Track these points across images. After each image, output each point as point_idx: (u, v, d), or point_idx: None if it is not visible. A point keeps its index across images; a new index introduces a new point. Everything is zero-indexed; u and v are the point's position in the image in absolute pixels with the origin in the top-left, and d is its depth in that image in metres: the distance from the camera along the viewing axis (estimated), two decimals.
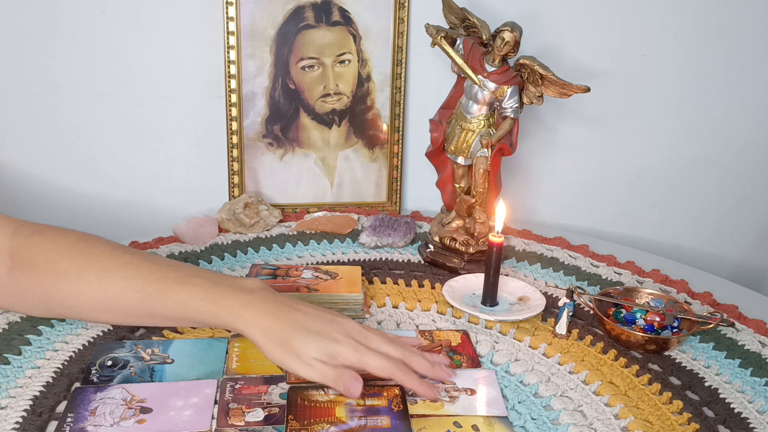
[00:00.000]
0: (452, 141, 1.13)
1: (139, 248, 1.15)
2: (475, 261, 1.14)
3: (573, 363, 0.91)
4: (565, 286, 1.11)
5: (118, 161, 1.25)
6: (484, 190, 1.12)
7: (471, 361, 0.90)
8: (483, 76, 1.07)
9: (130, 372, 0.84)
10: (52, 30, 1.15)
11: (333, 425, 0.75)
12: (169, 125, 1.26)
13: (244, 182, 1.30)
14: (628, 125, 1.38)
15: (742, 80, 1.36)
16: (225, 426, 0.75)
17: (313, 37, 1.24)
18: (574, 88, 1.04)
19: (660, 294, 1.02)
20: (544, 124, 1.36)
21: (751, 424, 0.81)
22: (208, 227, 1.20)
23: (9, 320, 0.93)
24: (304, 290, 0.98)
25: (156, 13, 1.19)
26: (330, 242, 1.22)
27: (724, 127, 1.40)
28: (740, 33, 1.33)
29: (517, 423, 0.79)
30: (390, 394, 0.80)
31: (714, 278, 1.18)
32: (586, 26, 1.30)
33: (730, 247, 1.50)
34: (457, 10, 1.12)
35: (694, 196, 1.45)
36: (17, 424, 0.75)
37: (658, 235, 1.47)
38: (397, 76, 1.29)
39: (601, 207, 1.45)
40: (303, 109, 1.28)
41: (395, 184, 1.35)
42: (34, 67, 1.16)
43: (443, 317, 1.01)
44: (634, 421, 0.80)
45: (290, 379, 0.82)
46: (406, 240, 1.22)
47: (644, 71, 1.34)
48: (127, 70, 1.20)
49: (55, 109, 1.19)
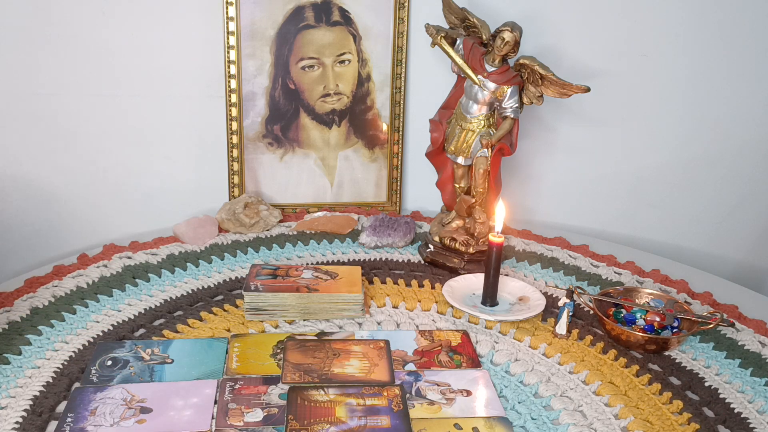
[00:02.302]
0: (452, 141, 1.13)
1: (139, 248, 1.15)
2: (475, 261, 1.14)
3: (573, 363, 0.91)
4: (565, 286, 1.11)
5: (118, 161, 1.25)
6: (484, 190, 1.12)
7: (471, 361, 0.90)
8: (483, 76, 1.07)
9: (130, 372, 0.84)
10: (52, 30, 1.15)
11: (333, 425, 0.75)
12: (169, 125, 1.26)
13: (244, 182, 1.30)
14: (628, 125, 1.38)
15: (742, 80, 1.36)
16: (224, 426, 0.75)
17: (313, 37, 1.24)
18: (574, 88, 1.04)
19: (660, 294, 1.02)
20: (544, 124, 1.36)
21: (751, 424, 0.81)
22: (208, 227, 1.20)
23: (9, 320, 0.93)
24: (304, 290, 0.98)
25: (156, 13, 1.18)
26: (330, 242, 1.22)
27: (724, 127, 1.40)
28: (740, 33, 1.33)
29: (517, 423, 0.79)
30: (390, 394, 0.80)
31: (714, 278, 1.18)
32: (587, 26, 1.30)
33: (730, 247, 1.50)
34: (457, 10, 1.12)
35: (694, 196, 1.45)
36: (17, 424, 0.75)
37: (658, 235, 1.47)
38: (397, 76, 1.29)
39: (601, 207, 1.45)
40: (303, 109, 1.28)
41: (395, 184, 1.35)
42: (34, 67, 1.16)
43: (443, 317, 1.01)
44: (634, 421, 0.80)
45: (286, 379, 0.82)
46: (406, 240, 1.22)
47: (644, 71, 1.34)
48: (127, 70, 1.20)
49: (55, 109, 1.19)
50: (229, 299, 1.03)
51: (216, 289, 1.06)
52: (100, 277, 1.06)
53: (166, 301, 1.01)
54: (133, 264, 1.10)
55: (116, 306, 0.99)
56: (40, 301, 0.98)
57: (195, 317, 0.97)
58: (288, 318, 0.98)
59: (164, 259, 1.12)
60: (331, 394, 0.80)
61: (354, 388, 0.82)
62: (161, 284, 1.06)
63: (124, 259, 1.11)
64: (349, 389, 0.81)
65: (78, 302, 0.99)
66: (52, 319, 0.94)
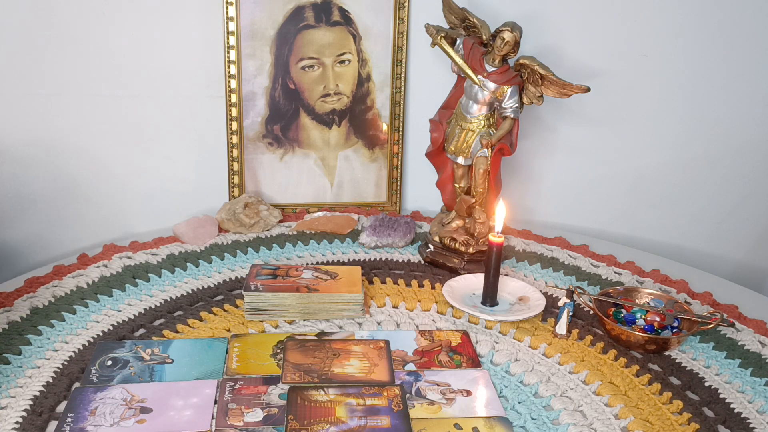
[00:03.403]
0: (452, 141, 1.13)
1: (139, 248, 1.15)
2: (475, 261, 1.14)
3: (573, 363, 0.91)
4: (565, 286, 1.11)
5: (118, 161, 1.25)
6: (484, 190, 1.12)
7: (471, 361, 0.90)
8: (483, 76, 1.07)
9: (130, 372, 0.84)
10: (52, 30, 1.15)
11: (333, 425, 0.75)
12: (170, 125, 1.26)
13: (244, 182, 1.30)
14: (628, 125, 1.38)
15: (742, 80, 1.36)
16: (224, 426, 0.75)
17: (313, 37, 1.24)
18: (574, 88, 1.04)
19: (660, 294, 1.02)
20: (544, 124, 1.36)
21: (751, 424, 0.81)
22: (208, 227, 1.20)
23: (9, 320, 0.93)
24: (304, 290, 0.98)
25: (156, 13, 1.18)
26: (330, 242, 1.22)
27: (724, 127, 1.40)
28: (740, 33, 1.33)
29: (517, 423, 0.79)
30: (390, 394, 0.80)
31: (714, 278, 1.18)
32: (587, 26, 1.30)
33: (730, 247, 1.50)
34: (457, 10, 1.12)
35: (694, 196, 1.45)
36: (17, 424, 0.75)
37: (658, 235, 1.47)
38: (397, 76, 1.29)
39: (601, 207, 1.45)
40: (303, 109, 1.28)
41: (395, 184, 1.35)
42: (34, 67, 1.16)
43: (443, 317, 1.01)
44: (634, 421, 0.80)
45: (286, 379, 0.82)
46: (406, 240, 1.22)
47: (644, 71, 1.34)
48: (127, 70, 1.20)
49: (55, 109, 1.19)
50: (229, 299, 1.03)
51: (216, 289, 1.06)
52: (100, 277, 1.06)
53: (166, 301, 1.01)
54: (133, 264, 1.10)
55: (116, 306, 0.99)
56: (40, 301, 0.98)
57: (195, 317, 0.97)
58: (288, 318, 0.98)
59: (164, 259, 1.12)
60: (331, 394, 0.80)
61: (354, 388, 0.82)
62: (161, 284, 1.06)
63: (124, 259, 1.11)
64: (349, 389, 0.81)
65: (78, 302, 0.99)
66: (52, 319, 0.94)
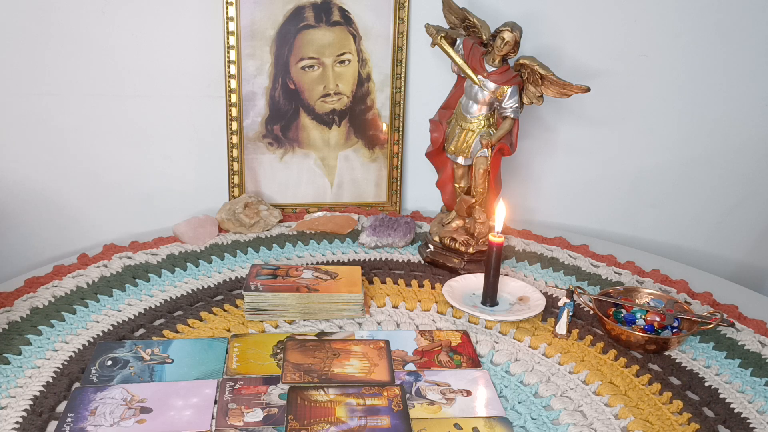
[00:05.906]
0: (452, 141, 1.13)
1: (139, 248, 1.15)
2: (475, 261, 1.14)
3: (573, 363, 0.91)
4: (565, 286, 1.11)
5: (118, 161, 1.25)
6: (484, 190, 1.12)
7: (471, 361, 0.90)
8: (483, 76, 1.07)
9: (130, 372, 0.84)
10: (52, 30, 1.15)
11: (333, 425, 0.75)
12: (169, 125, 1.26)
13: (244, 182, 1.30)
14: (628, 125, 1.38)
15: (742, 80, 1.36)
16: (224, 426, 0.75)
17: (313, 37, 1.24)
18: (574, 88, 1.04)
19: (660, 294, 1.02)
20: (544, 124, 1.36)
21: (751, 424, 0.81)
22: (208, 227, 1.20)
23: (9, 320, 0.93)
24: (304, 290, 0.98)
25: (156, 13, 1.18)
26: (330, 242, 1.22)
27: (724, 127, 1.40)
28: (740, 33, 1.33)
29: (517, 423, 0.79)
30: (390, 394, 0.80)
31: (714, 278, 1.18)
32: (587, 26, 1.30)
33: (730, 247, 1.50)
34: (457, 10, 1.12)
35: (694, 196, 1.45)
36: (17, 424, 0.75)
37: (658, 235, 1.47)
38: (397, 76, 1.29)
39: (601, 207, 1.45)
40: (303, 109, 1.28)
41: (395, 184, 1.35)
42: (34, 67, 1.16)
43: (443, 317, 1.01)
44: (634, 421, 0.80)
45: (286, 379, 0.82)
46: (406, 240, 1.22)
47: (644, 71, 1.34)
48: (127, 70, 1.20)
49: (55, 109, 1.19)
50: (229, 299, 1.03)
51: (216, 289, 1.06)
52: (100, 277, 1.06)
53: (166, 301, 1.01)
54: (133, 264, 1.10)
55: (116, 306, 0.99)
56: (40, 301, 0.98)
57: (195, 317, 0.97)
58: (288, 318, 0.98)
59: (164, 259, 1.12)
60: (331, 394, 0.80)
61: (354, 388, 0.82)
62: (161, 284, 1.06)
63: (124, 259, 1.11)
64: (349, 389, 0.81)
65: (78, 302, 0.99)
66: (52, 319, 0.94)
